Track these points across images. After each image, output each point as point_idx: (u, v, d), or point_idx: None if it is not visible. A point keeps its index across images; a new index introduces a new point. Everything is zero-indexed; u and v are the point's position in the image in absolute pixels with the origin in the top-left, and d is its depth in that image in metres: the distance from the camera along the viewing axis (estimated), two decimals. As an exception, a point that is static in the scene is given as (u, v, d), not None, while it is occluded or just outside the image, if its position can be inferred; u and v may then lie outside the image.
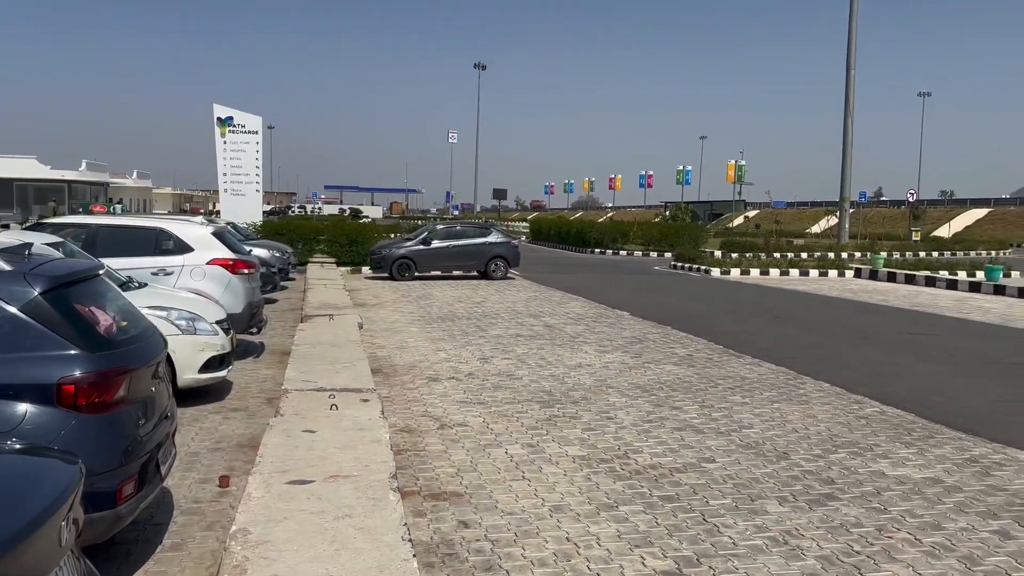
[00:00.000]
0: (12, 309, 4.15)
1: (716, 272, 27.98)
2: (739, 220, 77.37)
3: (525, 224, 71.92)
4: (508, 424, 7.57)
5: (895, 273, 26.62)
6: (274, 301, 16.50)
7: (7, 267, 4.34)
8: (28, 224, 12.13)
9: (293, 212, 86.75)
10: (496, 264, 23.59)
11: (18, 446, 3.27)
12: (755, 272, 28.16)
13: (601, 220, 70.19)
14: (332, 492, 4.65)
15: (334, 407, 6.74)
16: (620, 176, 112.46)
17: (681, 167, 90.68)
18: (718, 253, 35.53)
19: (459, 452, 6.68)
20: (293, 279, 21.32)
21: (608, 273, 28.03)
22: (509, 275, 23.94)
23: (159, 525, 5.03)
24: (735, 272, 28.01)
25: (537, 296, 19.24)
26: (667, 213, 67.96)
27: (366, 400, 7.12)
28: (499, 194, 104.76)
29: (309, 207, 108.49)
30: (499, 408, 8.17)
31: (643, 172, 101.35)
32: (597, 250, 41.22)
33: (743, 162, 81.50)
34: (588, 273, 27.73)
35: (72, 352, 4.16)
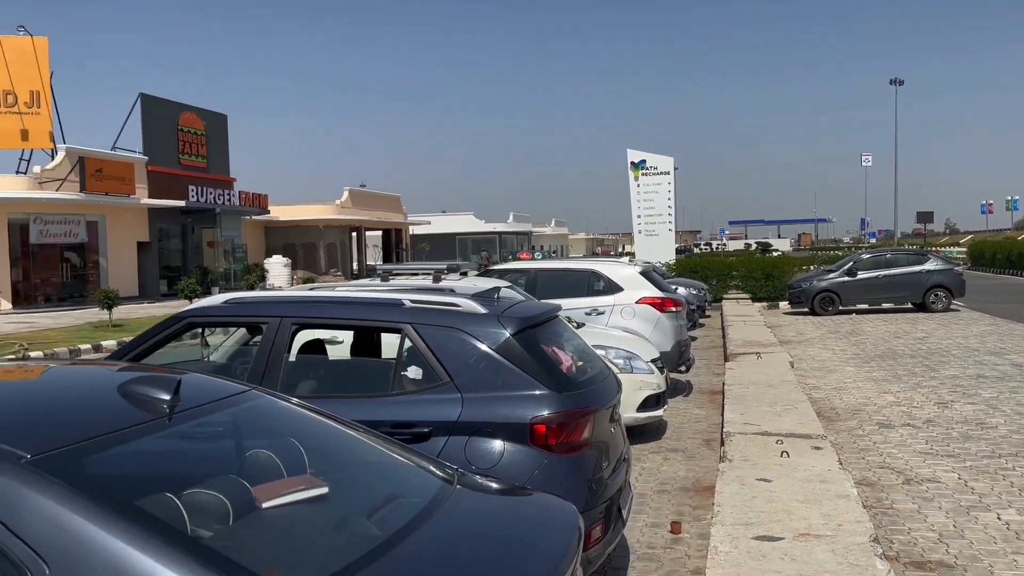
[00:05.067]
0: (488, 349, 4.34)
1: None
2: None
3: (958, 249, 64.09)
4: (992, 483, 6.39)
5: None
6: (694, 339, 16.36)
7: (482, 310, 4.58)
8: (478, 272, 13.37)
9: (700, 249, 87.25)
10: (936, 294, 21.02)
11: (495, 485, 3.30)
12: None
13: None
14: (807, 553, 4.15)
15: (784, 454, 6.22)
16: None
17: None
18: None
19: (936, 513, 5.75)
20: (709, 316, 21.09)
21: (1081, 301, 23.53)
22: (952, 307, 21.19)
23: (618, 570, 4.95)
24: None
25: (994, 330, 16.66)
26: None
27: (818, 448, 6.48)
28: (924, 217, 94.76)
29: (714, 243, 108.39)
30: (976, 463, 6.96)
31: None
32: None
33: None
34: (1053, 302, 23.54)
35: (541, 392, 4.22)
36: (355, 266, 49.15)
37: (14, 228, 28.14)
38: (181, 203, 33.59)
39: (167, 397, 2.43)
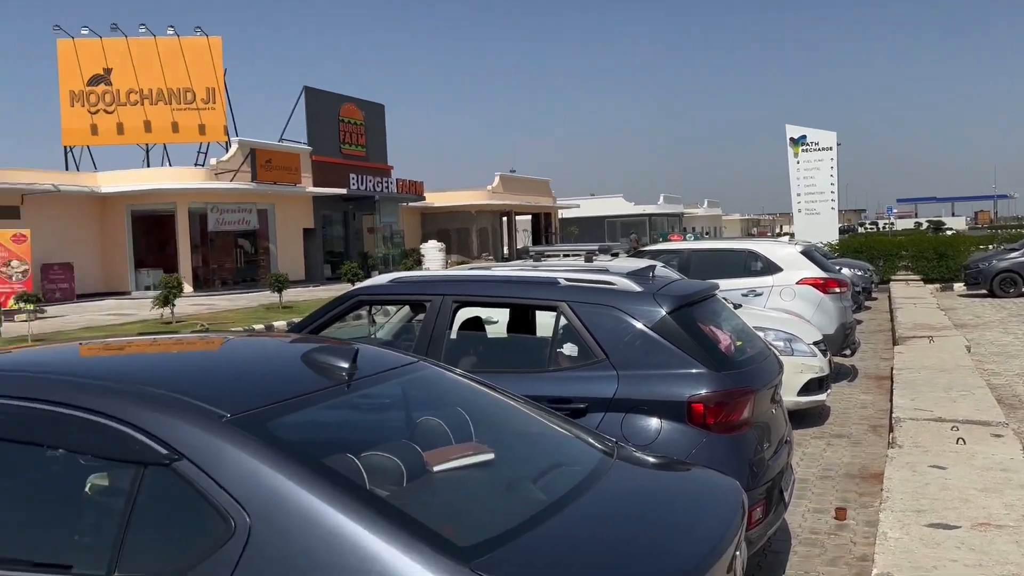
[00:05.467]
0: (644, 327, 4.34)
1: None
2: None
3: None
4: None
5: None
6: (859, 322, 15.61)
7: (637, 288, 4.58)
8: (628, 254, 13.27)
9: (865, 228, 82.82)
10: None
11: (654, 459, 3.30)
12: None
13: None
14: (986, 543, 3.92)
15: (960, 441, 5.87)
16: None
17: None
18: None
19: None
20: (875, 298, 20.06)
21: None
22: None
23: (778, 554, 4.84)
24: None
25: None
26: None
27: (998, 435, 6.07)
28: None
29: (881, 223, 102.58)
30: None
31: None
32: None
33: None
34: None
35: (699, 371, 4.18)
36: (505, 250, 49.90)
37: (194, 217, 30.40)
38: (342, 191, 35.19)
39: (346, 365, 2.59)
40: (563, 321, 4.58)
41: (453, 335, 5.06)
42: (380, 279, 5.47)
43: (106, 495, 2.44)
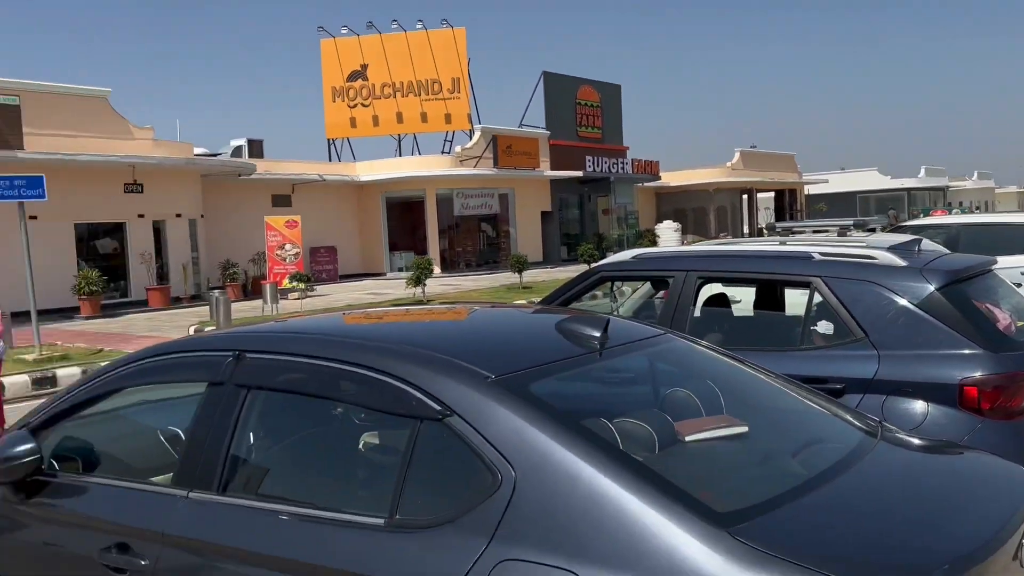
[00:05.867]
0: (909, 304, 4.06)
1: None
2: None
3: None
4: None
5: None
6: None
7: (901, 262, 4.29)
8: (887, 229, 12.39)
9: None
10: None
11: (922, 441, 3.07)
12: None
13: None
14: None
15: None
16: None
17: None
18: None
19: None
20: None
21: None
22: None
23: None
24: None
25: None
26: None
27: None
28: None
29: None
30: None
31: None
32: None
33: None
34: None
35: (972, 351, 3.86)
36: (745, 229, 48.25)
37: (441, 202, 32.14)
38: (578, 173, 35.64)
39: (598, 334, 2.66)
40: (817, 298, 4.39)
41: (697, 312, 5.00)
42: (623, 255, 5.52)
43: (386, 445, 2.68)
